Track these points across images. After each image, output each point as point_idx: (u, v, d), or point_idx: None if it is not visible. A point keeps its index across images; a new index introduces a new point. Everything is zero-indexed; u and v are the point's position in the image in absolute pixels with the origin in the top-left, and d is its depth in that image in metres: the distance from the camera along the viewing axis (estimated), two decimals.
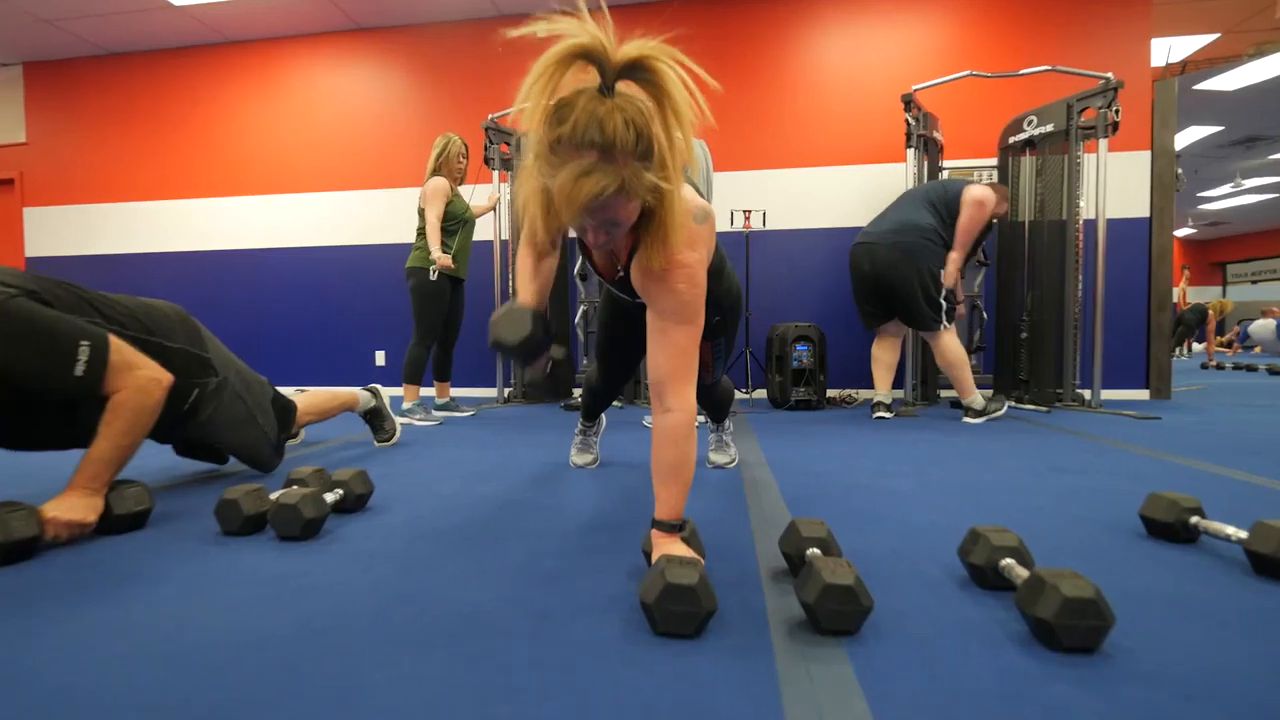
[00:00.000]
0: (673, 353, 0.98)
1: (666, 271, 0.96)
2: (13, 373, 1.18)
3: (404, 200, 4.37)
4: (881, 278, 2.84)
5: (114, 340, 1.29)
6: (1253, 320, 8.44)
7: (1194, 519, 1.16)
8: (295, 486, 1.42)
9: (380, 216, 4.47)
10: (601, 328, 1.64)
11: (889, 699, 0.67)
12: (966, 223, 2.77)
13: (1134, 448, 2.18)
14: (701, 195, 1.10)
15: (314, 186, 4.56)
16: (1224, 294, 13.29)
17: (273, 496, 1.30)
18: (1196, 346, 8.08)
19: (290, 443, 2.47)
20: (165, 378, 1.37)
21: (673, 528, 0.99)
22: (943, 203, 2.82)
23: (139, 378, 1.31)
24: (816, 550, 0.98)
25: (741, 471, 1.82)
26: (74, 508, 1.21)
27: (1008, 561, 0.94)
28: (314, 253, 4.58)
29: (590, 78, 0.82)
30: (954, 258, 2.80)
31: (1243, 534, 1.05)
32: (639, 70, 0.81)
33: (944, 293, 2.76)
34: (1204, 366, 7.12)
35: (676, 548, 0.96)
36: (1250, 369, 6.65)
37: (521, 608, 0.91)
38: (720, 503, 1.48)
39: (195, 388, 1.58)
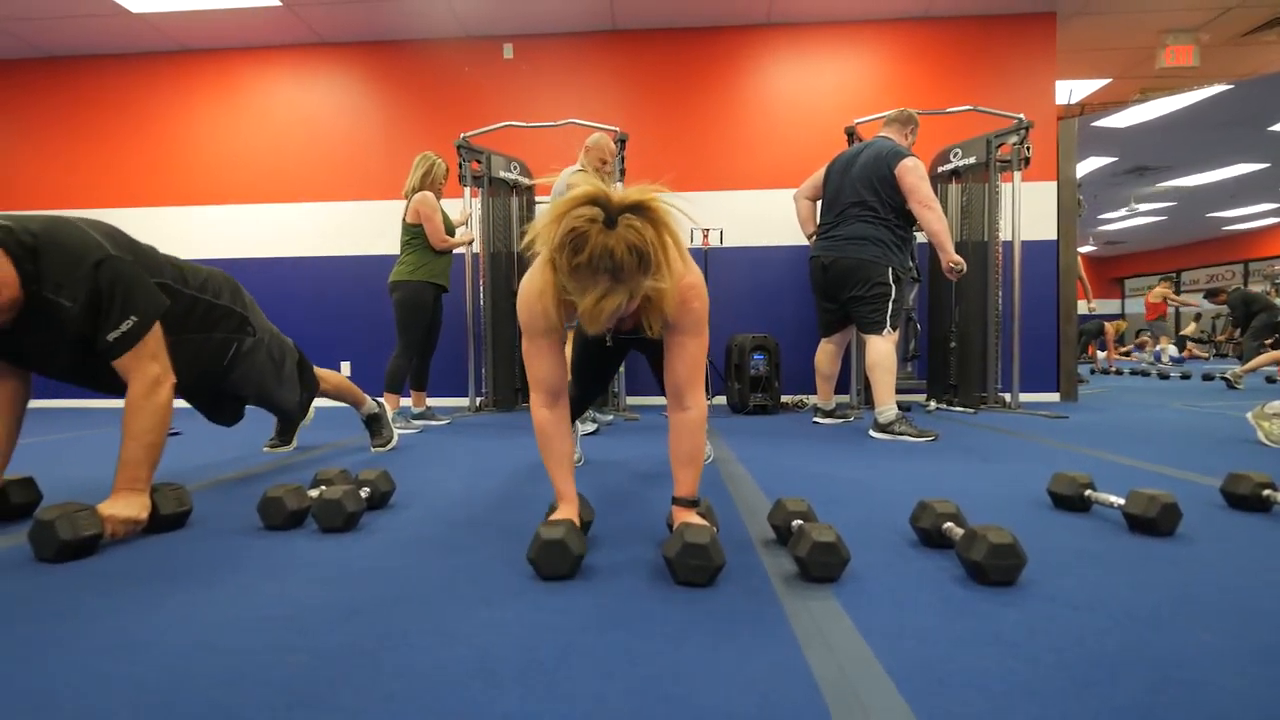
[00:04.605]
0: (689, 362, 1.20)
1: (684, 299, 1.17)
2: (71, 314, 1.31)
3: (368, 213, 4.44)
4: (836, 280, 2.91)
5: (155, 327, 1.42)
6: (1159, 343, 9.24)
7: (1087, 491, 1.46)
8: (323, 485, 1.55)
9: (345, 228, 4.51)
10: (581, 355, 1.81)
11: (868, 619, 0.90)
12: (919, 192, 2.79)
13: (1048, 441, 2.54)
14: None
15: (277, 197, 4.56)
16: (1122, 307, 14.66)
17: (311, 493, 1.43)
18: (1100, 354, 8.95)
19: (301, 423, 2.55)
20: (171, 380, 1.44)
21: (691, 503, 1.20)
22: (884, 187, 2.86)
23: (150, 371, 1.39)
24: (800, 521, 1.21)
25: (719, 467, 2.05)
26: (128, 505, 1.31)
27: (948, 525, 1.19)
28: (278, 264, 4.57)
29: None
30: (946, 251, 2.80)
31: (1120, 500, 1.35)
32: (638, 209, 1.01)
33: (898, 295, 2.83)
34: (1105, 372, 7.93)
35: (694, 518, 1.17)
36: (1144, 374, 7.47)
37: None
38: (706, 492, 1.70)
39: (234, 342, 1.79)
